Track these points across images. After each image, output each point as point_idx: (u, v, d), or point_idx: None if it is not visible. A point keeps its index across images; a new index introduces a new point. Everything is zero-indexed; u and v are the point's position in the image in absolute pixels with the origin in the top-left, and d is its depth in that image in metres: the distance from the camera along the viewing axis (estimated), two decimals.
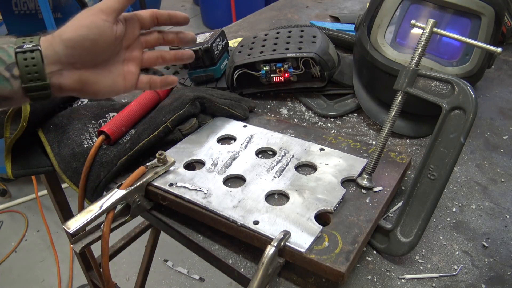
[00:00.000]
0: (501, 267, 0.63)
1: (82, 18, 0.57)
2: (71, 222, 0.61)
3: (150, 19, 0.65)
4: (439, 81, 0.63)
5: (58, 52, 0.55)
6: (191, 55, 0.71)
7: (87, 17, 0.57)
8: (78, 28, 0.56)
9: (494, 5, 0.82)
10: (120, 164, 0.75)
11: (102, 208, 0.63)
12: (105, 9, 0.58)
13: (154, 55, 0.68)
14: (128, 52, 0.64)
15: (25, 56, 0.53)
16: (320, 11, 1.59)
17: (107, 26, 0.57)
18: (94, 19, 0.57)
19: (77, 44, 0.55)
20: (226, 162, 0.74)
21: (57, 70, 0.56)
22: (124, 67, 0.63)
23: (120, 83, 0.63)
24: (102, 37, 0.57)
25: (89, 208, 0.63)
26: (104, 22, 0.57)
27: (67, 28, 0.56)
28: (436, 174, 0.61)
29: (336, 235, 0.59)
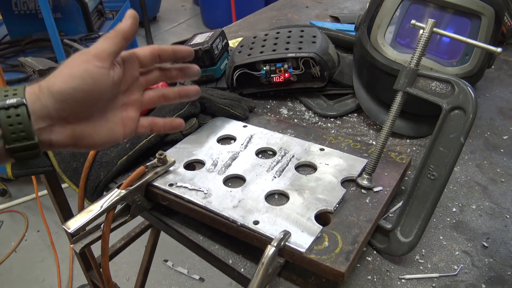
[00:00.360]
0: (501, 267, 0.63)
1: (73, 65, 0.49)
2: (71, 222, 0.61)
3: (150, 57, 0.58)
4: (439, 81, 0.63)
5: (47, 106, 0.47)
6: (197, 92, 0.63)
7: (79, 64, 0.49)
8: (69, 78, 0.48)
9: (494, 5, 0.82)
10: (120, 164, 0.75)
11: (102, 208, 0.63)
12: (100, 54, 0.50)
13: (155, 95, 0.60)
14: (127, 96, 0.57)
15: (8, 113, 0.46)
16: (320, 11, 1.59)
17: (102, 74, 0.50)
18: (87, 67, 0.49)
19: (68, 97, 0.48)
20: (226, 162, 0.74)
21: (46, 126, 0.48)
22: (123, 112, 0.56)
23: (118, 131, 0.55)
24: (97, 87, 0.50)
25: (89, 208, 0.63)
26: (99, 70, 0.50)
27: (57, 78, 0.48)
28: (436, 174, 0.61)
29: (336, 235, 0.59)
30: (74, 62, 0.50)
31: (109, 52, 0.51)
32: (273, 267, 0.56)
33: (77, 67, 0.49)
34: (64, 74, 0.48)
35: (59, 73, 0.49)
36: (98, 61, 0.50)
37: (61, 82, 0.48)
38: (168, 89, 0.62)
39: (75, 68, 0.49)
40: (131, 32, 0.53)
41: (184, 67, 0.62)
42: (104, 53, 0.51)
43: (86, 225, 0.62)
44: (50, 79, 0.48)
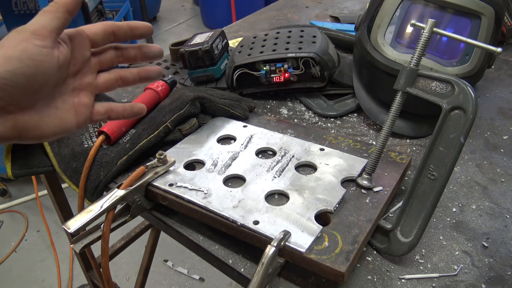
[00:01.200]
0: (501, 267, 0.63)
1: (8, 46, 0.42)
2: (71, 222, 0.61)
3: (102, 35, 0.51)
4: (439, 81, 0.63)
5: None
6: (158, 72, 0.57)
7: (16, 44, 0.42)
8: (4, 61, 0.41)
9: (494, 5, 0.82)
10: (120, 164, 0.75)
11: (102, 208, 0.63)
12: (39, 31, 0.43)
13: (111, 77, 0.54)
14: (78, 79, 0.50)
15: None
16: (320, 11, 1.59)
17: (44, 54, 0.43)
18: (25, 47, 0.42)
19: (6, 83, 0.41)
20: (226, 162, 0.74)
21: None
22: (74, 98, 0.50)
23: (70, 119, 0.49)
24: (40, 69, 0.43)
25: (89, 208, 0.63)
26: (40, 49, 0.43)
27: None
28: (436, 174, 0.61)
29: (336, 235, 0.59)
30: (10, 42, 0.43)
31: (50, 28, 0.44)
32: (273, 267, 0.56)
33: (13, 47, 0.42)
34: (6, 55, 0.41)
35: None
36: (38, 39, 0.43)
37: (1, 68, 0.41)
38: (126, 70, 0.55)
39: (11, 48, 0.42)
40: (75, 3, 0.46)
41: (142, 46, 0.54)
42: (45, 29, 0.44)
43: (86, 225, 0.62)
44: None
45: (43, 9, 0.45)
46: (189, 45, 1.00)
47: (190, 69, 1.01)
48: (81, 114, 0.50)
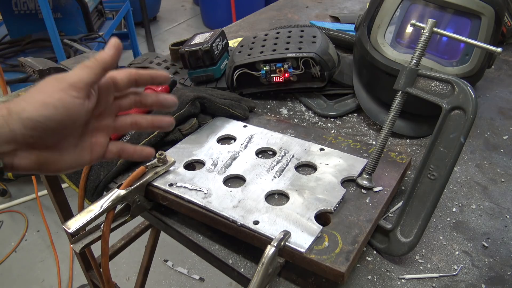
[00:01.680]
0: (501, 267, 0.63)
1: (47, 92, 0.47)
2: (71, 222, 0.61)
3: (127, 82, 0.55)
4: (439, 81, 0.63)
5: (14, 131, 0.45)
6: (170, 123, 0.60)
7: (54, 92, 0.47)
8: (41, 106, 0.45)
9: (494, 5, 0.82)
10: (120, 164, 0.75)
11: (102, 208, 0.63)
12: (77, 83, 0.48)
13: (128, 121, 0.57)
14: (98, 121, 0.55)
15: None
16: (320, 11, 1.59)
17: (77, 104, 0.48)
18: (62, 96, 0.46)
19: (39, 125, 0.45)
20: (226, 162, 0.74)
21: (11, 150, 0.46)
22: (92, 138, 0.54)
23: (85, 157, 0.53)
24: (70, 117, 0.48)
25: (89, 208, 0.63)
26: (74, 100, 0.47)
27: (28, 104, 0.45)
28: (436, 174, 0.61)
29: (336, 235, 0.59)
30: (48, 88, 0.47)
31: (87, 82, 0.49)
32: (273, 267, 0.56)
33: (51, 95, 0.46)
34: (36, 101, 0.46)
35: (31, 98, 0.46)
36: (74, 90, 0.47)
37: (32, 109, 0.45)
38: (141, 116, 0.59)
39: (49, 96, 0.46)
40: (112, 62, 0.51)
41: (160, 95, 0.59)
42: (81, 83, 0.48)
43: (86, 225, 0.62)
44: (21, 103, 0.46)
45: (84, 63, 0.50)
46: (189, 45, 1.00)
47: (190, 69, 1.01)
48: (95, 153, 0.54)
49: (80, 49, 2.20)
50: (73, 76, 0.48)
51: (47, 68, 0.94)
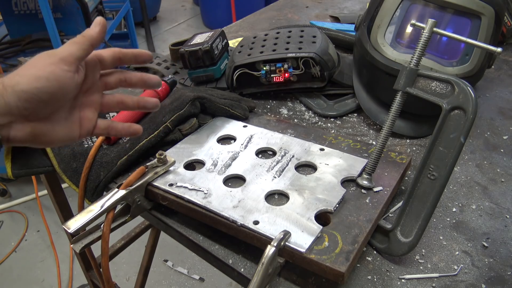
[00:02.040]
0: (501, 267, 0.63)
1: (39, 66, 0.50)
2: (71, 222, 0.61)
3: (111, 60, 0.59)
4: (439, 81, 0.63)
5: (9, 104, 0.48)
6: (155, 104, 0.64)
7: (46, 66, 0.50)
8: (34, 79, 0.49)
9: (494, 5, 0.82)
10: (120, 164, 0.75)
11: (102, 208, 0.63)
12: (67, 57, 0.51)
13: (114, 100, 0.61)
14: (86, 96, 0.58)
15: None
16: (320, 11, 1.59)
17: (68, 77, 0.51)
18: (53, 69, 0.50)
19: (32, 97, 0.49)
20: (226, 162, 0.74)
21: (6, 122, 0.49)
22: (81, 112, 0.57)
23: (75, 130, 0.56)
24: (62, 89, 0.51)
25: (89, 208, 0.63)
26: (65, 73, 0.51)
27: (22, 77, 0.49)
28: (436, 174, 0.61)
29: (336, 235, 0.59)
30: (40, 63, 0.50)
31: (76, 56, 0.52)
32: (273, 267, 0.56)
33: (43, 68, 0.50)
34: (29, 74, 0.49)
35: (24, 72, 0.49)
36: (65, 64, 0.51)
37: (26, 82, 0.48)
38: (127, 96, 0.62)
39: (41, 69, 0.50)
40: (99, 38, 0.55)
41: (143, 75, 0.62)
42: (71, 57, 0.52)
43: (86, 225, 0.62)
44: (15, 78, 0.49)
45: (72, 40, 0.54)
46: (189, 45, 1.00)
47: (190, 69, 1.01)
48: (84, 127, 0.57)
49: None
50: (63, 51, 0.52)
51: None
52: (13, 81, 0.48)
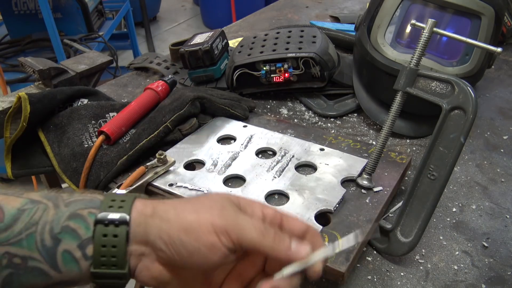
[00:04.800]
0: (501, 267, 0.63)
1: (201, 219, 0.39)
2: None
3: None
4: (439, 81, 0.63)
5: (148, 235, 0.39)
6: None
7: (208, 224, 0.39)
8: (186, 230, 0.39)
9: (494, 5, 0.82)
10: (120, 164, 0.75)
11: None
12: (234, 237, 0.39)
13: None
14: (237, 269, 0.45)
15: (106, 230, 0.38)
16: (320, 11, 1.59)
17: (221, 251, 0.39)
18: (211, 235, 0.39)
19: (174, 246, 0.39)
20: (226, 162, 0.74)
21: (139, 254, 0.40)
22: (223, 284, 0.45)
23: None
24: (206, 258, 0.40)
25: None
26: (220, 245, 0.39)
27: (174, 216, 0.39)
28: (436, 174, 0.61)
29: (336, 235, 0.59)
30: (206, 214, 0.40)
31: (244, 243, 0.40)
32: None
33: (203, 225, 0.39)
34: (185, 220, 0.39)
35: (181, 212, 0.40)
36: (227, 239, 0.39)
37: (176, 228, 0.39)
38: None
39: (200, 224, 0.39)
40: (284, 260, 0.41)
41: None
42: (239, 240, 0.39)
43: None
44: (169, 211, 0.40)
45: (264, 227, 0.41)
46: (189, 45, 1.00)
47: (190, 69, 1.01)
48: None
49: (80, 49, 2.20)
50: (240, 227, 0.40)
51: (47, 68, 0.94)
52: (166, 214, 0.40)
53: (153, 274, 0.41)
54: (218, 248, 0.39)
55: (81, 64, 1.03)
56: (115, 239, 0.38)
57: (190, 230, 0.39)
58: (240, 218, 0.40)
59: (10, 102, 0.89)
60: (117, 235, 0.38)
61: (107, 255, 0.38)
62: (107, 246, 0.38)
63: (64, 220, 0.39)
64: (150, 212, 0.40)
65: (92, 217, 0.39)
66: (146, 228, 0.39)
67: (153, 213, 0.40)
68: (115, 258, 0.38)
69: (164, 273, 0.42)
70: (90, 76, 1.04)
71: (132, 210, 0.39)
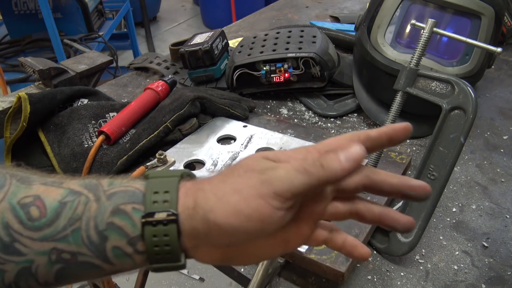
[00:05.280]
0: (501, 267, 0.63)
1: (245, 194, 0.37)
2: None
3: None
4: (439, 81, 0.63)
5: (197, 229, 0.37)
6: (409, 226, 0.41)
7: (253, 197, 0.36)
8: (233, 213, 0.36)
9: (494, 5, 0.82)
10: (120, 164, 0.75)
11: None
12: (284, 194, 0.36)
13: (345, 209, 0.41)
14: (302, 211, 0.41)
15: (155, 231, 0.36)
16: (320, 11, 1.59)
17: (276, 217, 0.37)
18: (260, 206, 0.36)
19: (226, 233, 0.37)
20: (226, 162, 0.74)
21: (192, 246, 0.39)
22: (291, 230, 0.41)
23: (278, 250, 0.42)
24: (264, 229, 0.37)
25: None
26: (273, 212, 0.36)
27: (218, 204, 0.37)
28: (436, 174, 0.61)
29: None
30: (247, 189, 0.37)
31: (297, 193, 0.37)
32: (273, 267, 0.56)
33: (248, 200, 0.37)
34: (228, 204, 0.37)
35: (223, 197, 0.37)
36: (277, 200, 0.36)
37: (221, 215, 0.36)
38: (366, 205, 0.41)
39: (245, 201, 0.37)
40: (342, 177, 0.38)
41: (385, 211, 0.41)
42: (289, 193, 0.36)
43: None
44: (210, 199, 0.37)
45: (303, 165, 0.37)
46: (189, 45, 1.00)
47: (190, 69, 1.01)
48: (293, 244, 0.42)
49: (80, 49, 2.20)
50: (283, 181, 0.37)
51: (47, 68, 0.94)
52: (207, 204, 0.37)
53: (213, 258, 0.40)
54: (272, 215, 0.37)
55: (81, 64, 1.03)
56: (166, 238, 0.37)
57: (237, 213, 0.36)
58: (279, 174, 0.37)
59: (10, 102, 0.89)
60: (168, 234, 0.37)
61: (161, 253, 0.37)
62: (160, 245, 0.37)
63: (108, 216, 0.37)
64: (192, 205, 0.37)
65: (137, 214, 0.37)
66: (191, 224, 0.37)
67: (195, 205, 0.37)
68: (170, 255, 0.37)
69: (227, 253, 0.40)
70: (90, 76, 1.04)
71: (178, 204, 0.37)
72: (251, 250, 0.41)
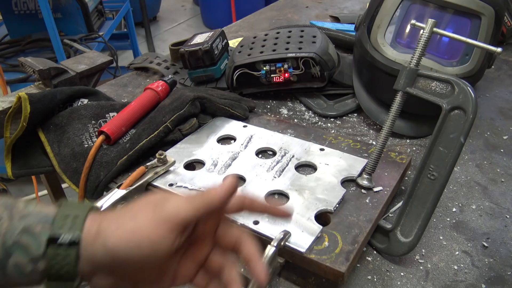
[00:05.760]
0: (501, 267, 0.63)
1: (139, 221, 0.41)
2: None
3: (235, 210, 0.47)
4: (439, 81, 0.63)
5: (96, 256, 0.41)
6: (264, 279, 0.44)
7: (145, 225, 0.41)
8: (125, 240, 0.40)
9: (494, 5, 0.82)
10: (120, 164, 0.75)
11: (102, 208, 0.63)
12: (173, 219, 0.41)
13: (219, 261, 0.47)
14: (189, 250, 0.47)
15: (58, 252, 0.40)
16: (320, 11, 1.59)
17: (165, 243, 0.41)
18: (151, 233, 0.41)
19: (119, 259, 0.41)
20: (226, 162, 0.74)
21: (89, 271, 0.42)
22: (181, 263, 0.46)
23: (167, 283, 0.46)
24: (156, 254, 0.41)
25: None
26: (164, 236, 0.41)
27: (117, 230, 0.41)
28: (436, 174, 0.61)
29: (336, 235, 0.59)
30: (142, 217, 0.42)
31: (185, 219, 0.42)
32: (273, 267, 0.56)
33: (141, 227, 0.41)
34: (125, 230, 0.41)
35: (122, 222, 0.42)
36: (167, 227, 0.41)
37: (116, 241, 0.40)
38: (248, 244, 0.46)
39: (139, 227, 0.41)
40: (221, 205, 0.44)
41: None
42: (178, 218, 0.41)
43: None
44: (111, 225, 0.41)
45: (189, 197, 0.44)
46: (189, 45, 1.00)
47: (190, 69, 1.01)
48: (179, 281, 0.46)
49: (80, 49, 2.20)
50: (171, 209, 0.42)
51: (47, 68, 0.94)
52: (108, 229, 0.41)
53: (108, 286, 0.43)
54: (162, 240, 0.41)
55: (81, 64, 1.03)
56: (66, 259, 0.40)
57: (131, 237, 0.41)
58: (169, 204, 0.43)
59: (10, 102, 0.89)
60: (68, 255, 0.40)
61: (59, 272, 0.40)
62: (58, 265, 0.40)
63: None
64: (95, 231, 0.41)
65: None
66: (92, 250, 0.40)
67: (98, 231, 0.41)
68: (66, 276, 0.40)
69: (121, 283, 0.44)
70: (90, 76, 1.04)
71: (84, 229, 0.41)
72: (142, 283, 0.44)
